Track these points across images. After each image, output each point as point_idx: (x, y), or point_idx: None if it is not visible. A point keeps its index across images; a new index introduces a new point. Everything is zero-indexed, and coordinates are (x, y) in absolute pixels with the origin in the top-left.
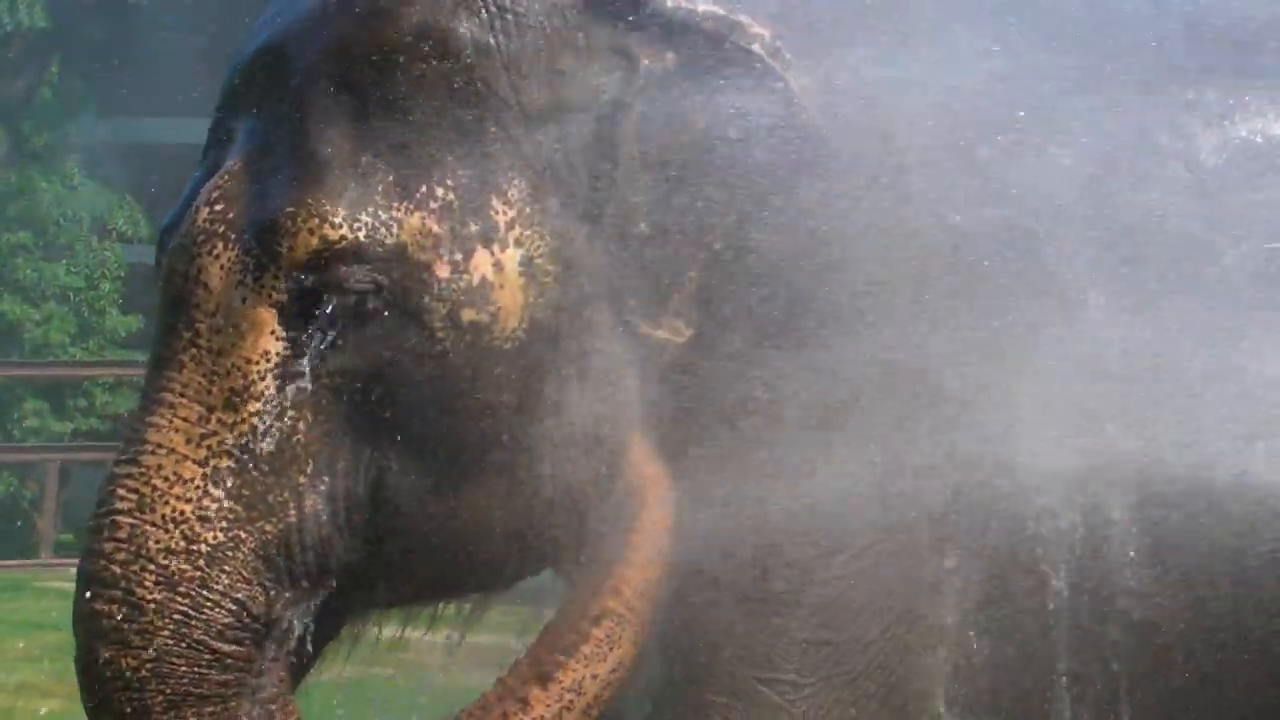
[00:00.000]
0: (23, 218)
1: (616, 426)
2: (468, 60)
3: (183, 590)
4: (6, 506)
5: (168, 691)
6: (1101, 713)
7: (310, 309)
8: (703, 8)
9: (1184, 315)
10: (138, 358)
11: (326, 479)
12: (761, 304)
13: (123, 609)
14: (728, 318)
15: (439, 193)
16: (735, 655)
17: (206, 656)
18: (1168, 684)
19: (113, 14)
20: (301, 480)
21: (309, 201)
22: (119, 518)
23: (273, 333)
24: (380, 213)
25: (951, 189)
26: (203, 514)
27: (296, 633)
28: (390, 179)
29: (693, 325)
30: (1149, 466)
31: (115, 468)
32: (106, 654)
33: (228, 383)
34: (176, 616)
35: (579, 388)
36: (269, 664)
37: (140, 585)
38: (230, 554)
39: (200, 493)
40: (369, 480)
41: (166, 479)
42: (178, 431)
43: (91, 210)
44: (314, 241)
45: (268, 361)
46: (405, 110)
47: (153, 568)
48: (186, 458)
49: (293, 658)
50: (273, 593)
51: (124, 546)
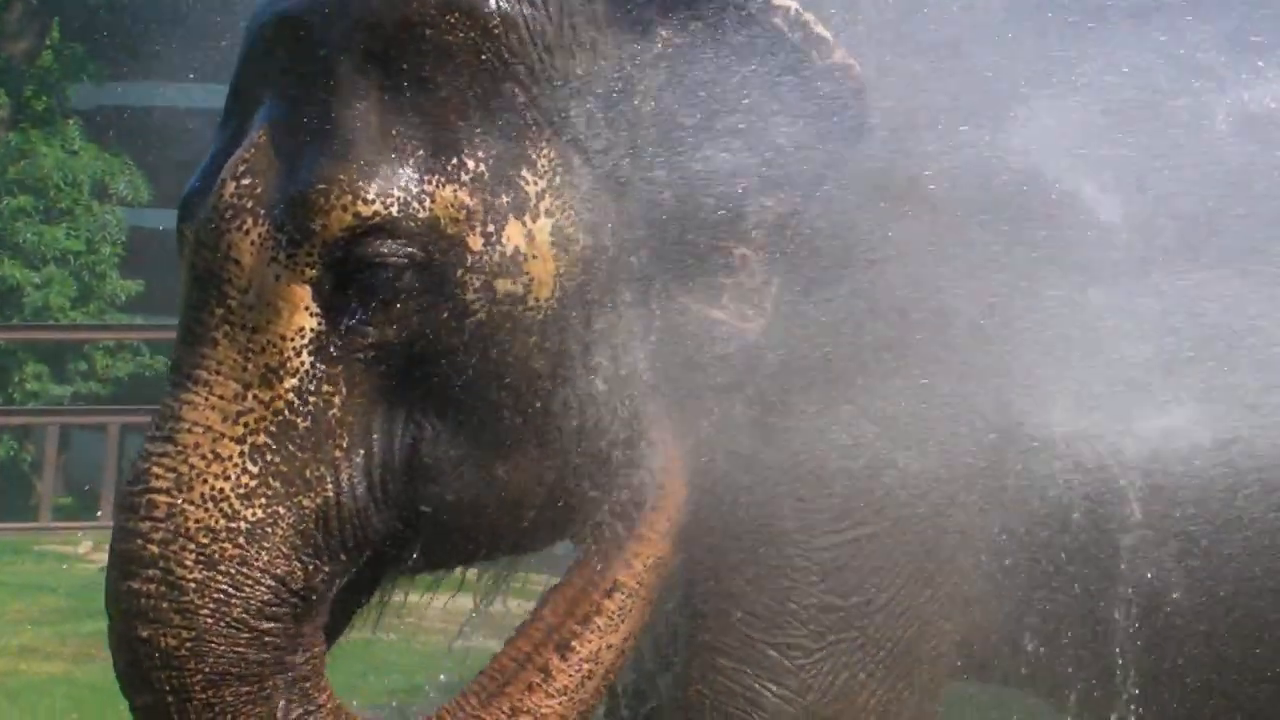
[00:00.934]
0: (23, 181)
1: (644, 396)
2: (495, 31)
3: (223, 569)
4: (6, 470)
5: (207, 670)
6: (1110, 680)
7: (344, 284)
8: None
9: None
10: (138, 321)
11: (362, 452)
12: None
13: (162, 588)
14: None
15: (470, 165)
16: (744, 619)
17: (246, 635)
18: (1177, 658)
19: None
20: (338, 454)
21: (341, 177)
22: (156, 496)
23: (307, 309)
24: (412, 187)
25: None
26: (242, 491)
27: (332, 604)
28: (421, 152)
29: (762, 313)
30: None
31: (149, 445)
32: (145, 633)
33: (263, 359)
34: (218, 595)
35: (609, 356)
36: (306, 640)
37: (180, 564)
38: (270, 530)
39: (239, 470)
40: (404, 451)
41: (204, 457)
42: (214, 409)
43: (92, 174)
44: (347, 218)
45: (303, 338)
46: (434, 83)
47: (193, 546)
48: (224, 435)
49: (332, 626)
50: (311, 567)
51: (162, 525)
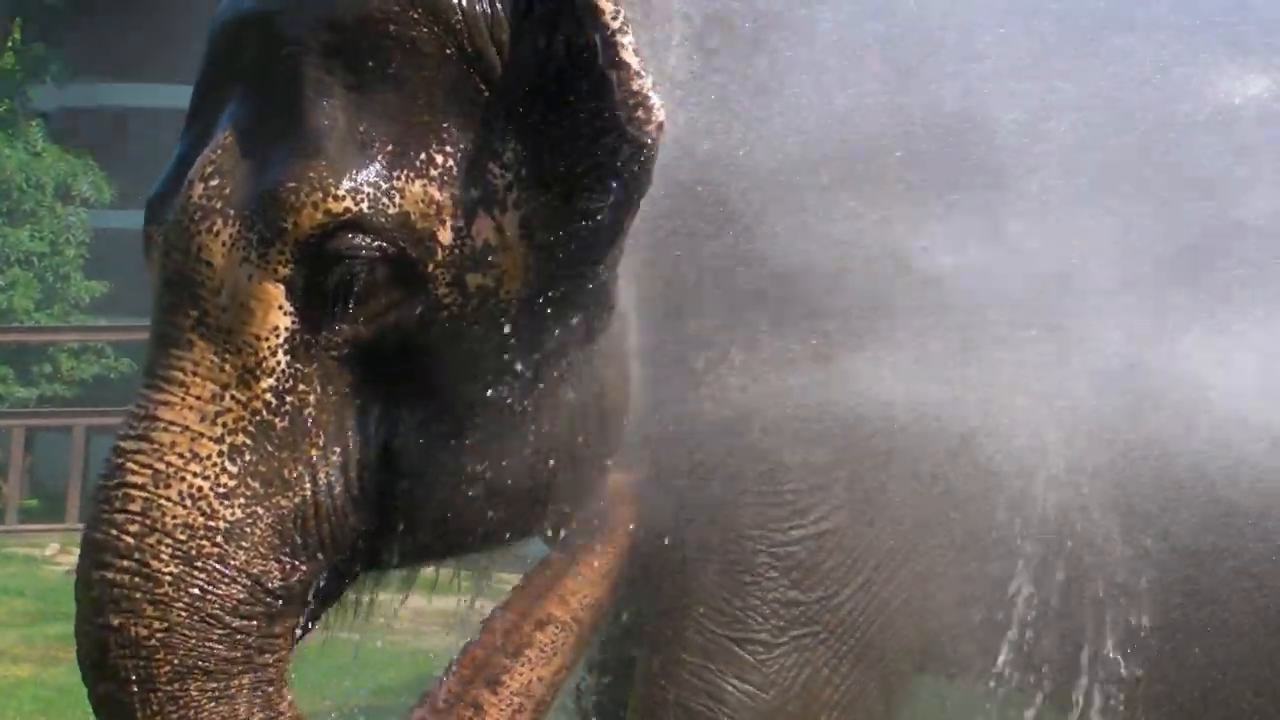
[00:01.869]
0: None
1: (614, 389)
2: (457, 26)
3: (200, 565)
4: None
5: (175, 663)
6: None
7: (317, 282)
8: None
9: None
10: (103, 323)
11: (339, 450)
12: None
13: (136, 578)
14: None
15: (438, 159)
16: (706, 614)
17: (218, 631)
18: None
19: None
20: (315, 453)
21: (311, 175)
22: (133, 490)
23: (281, 308)
24: (382, 183)
25: None
26: (221, 491)
27: (306, 605)
28: (390, 148)
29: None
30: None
31: (123, 443)
32: (116, 620)
33: (240, 360)
34: (193, 590)
35: (579, 351)
36: (276, 642)
37: (156, 558)
38: (248, 530)
39: (218, 469)
40: (379, 447)
41: (182, 455)
42: (191, 409)
43: (55, 175)
44: (318, 215)
45: (278, 337)
46: (399, 78)
47: (170, 541)
48: (202, 435)
49: (298, 630)
50: (288, 567)
51: (138, 519)
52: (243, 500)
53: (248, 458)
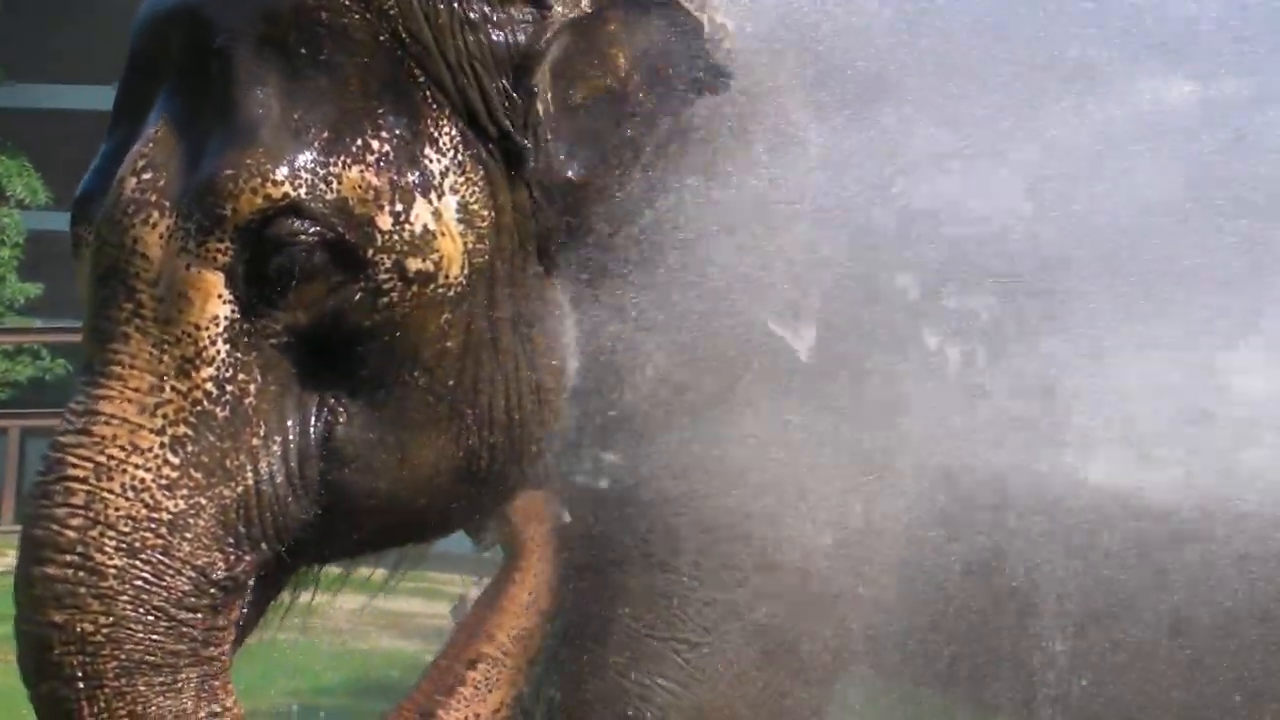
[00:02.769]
0: None
1: (553, 374)
2: (390, 12)
3: (145, 557)
4: None
5: (122, 658)
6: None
7: (256, 269)
8: None
9: None
10: (37, 324)
11: (280, 438)
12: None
13: (80, 573)
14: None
15: (374, 145)
16: (632, 616)
17: (164, 624)
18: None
19: None
20: (256, 442)
21: (248, 162)
22: (74, 484)
23: (220, 296)
24: (319, 168)
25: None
26: (164, 482)
27: (249, 597)
28: (325, 134)
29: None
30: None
31: (62, 438)
32: (59, 618)
33: (178, 350)
34: (137, 583)
35: (512, 333)
36: (220, 634)
37: (100, 551)
38: (192, 521)
39: (160, 461)
40: (320, 435)
41: (123, 448)
42: (130, 402)
43: None
44: (257, 200)
45: (217, 326)
46: (333, 65)
47: (113, 534)
48: (142, 427)
49: (244, 621)
50: (233, 558)
51: (80, 512)
52: (185, 491)
53: (189, 448)
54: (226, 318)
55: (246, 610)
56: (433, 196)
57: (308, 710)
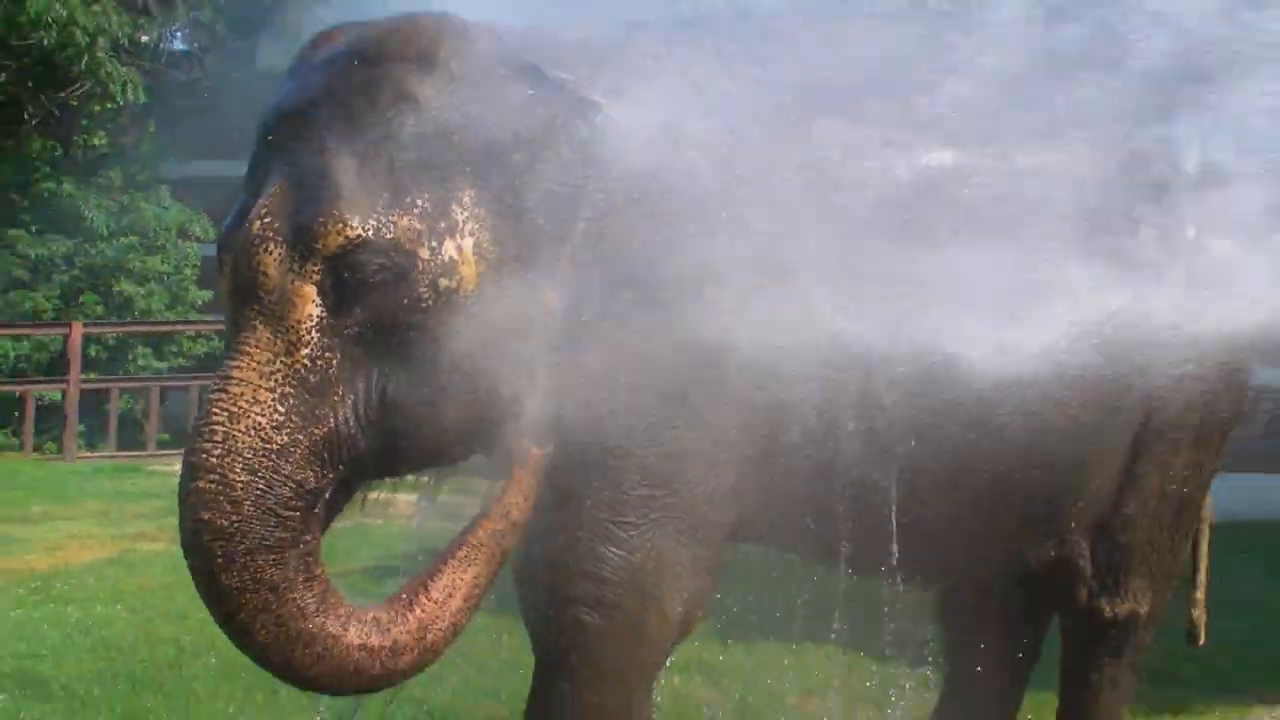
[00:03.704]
0: (131, 227)
1: (538, 350)
2: (434, 112)
3: (261, 475)
4: (126, 418)
5: (246, 543)
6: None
7: (338, 284)
8: (569, 77)
9: None
10: (209, 318)
11: (352, 396)
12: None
13: (219, 485)
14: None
15: (419, 202)
16: (594, 505)
17: (274, 519)
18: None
19: (189, 91)
20: (336, 398)
21: (334, 212)
22: (215, 425)
23: (314, 302)
24: (382, 218)
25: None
26: (275, 423)
27: (328, 506)
28: (386, 195)
29: (570, 294)
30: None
31: (210, 394)
32: (205, 515)
33: (286, 336)
34: (256, 491)
35: (509, 330)
36: (311, 527)
37: (231, 470)
38: (292, 450)
39: (272, 410)
40: (379, 394)
41: (248, 401)
42: (254, 370)
43: (177, 221)
44: (339, 239)
45: (312, 321)
46: (392, 149)
47: (240, 459)
48: (261, 387)
49: (326, 517)
50: (320, 475)
51: (220, 444)
52: (289, 430)
53: (292, 401)
54: (318, 315)
55: (330, 510)
56: (457, 237)
57: (385, 569)
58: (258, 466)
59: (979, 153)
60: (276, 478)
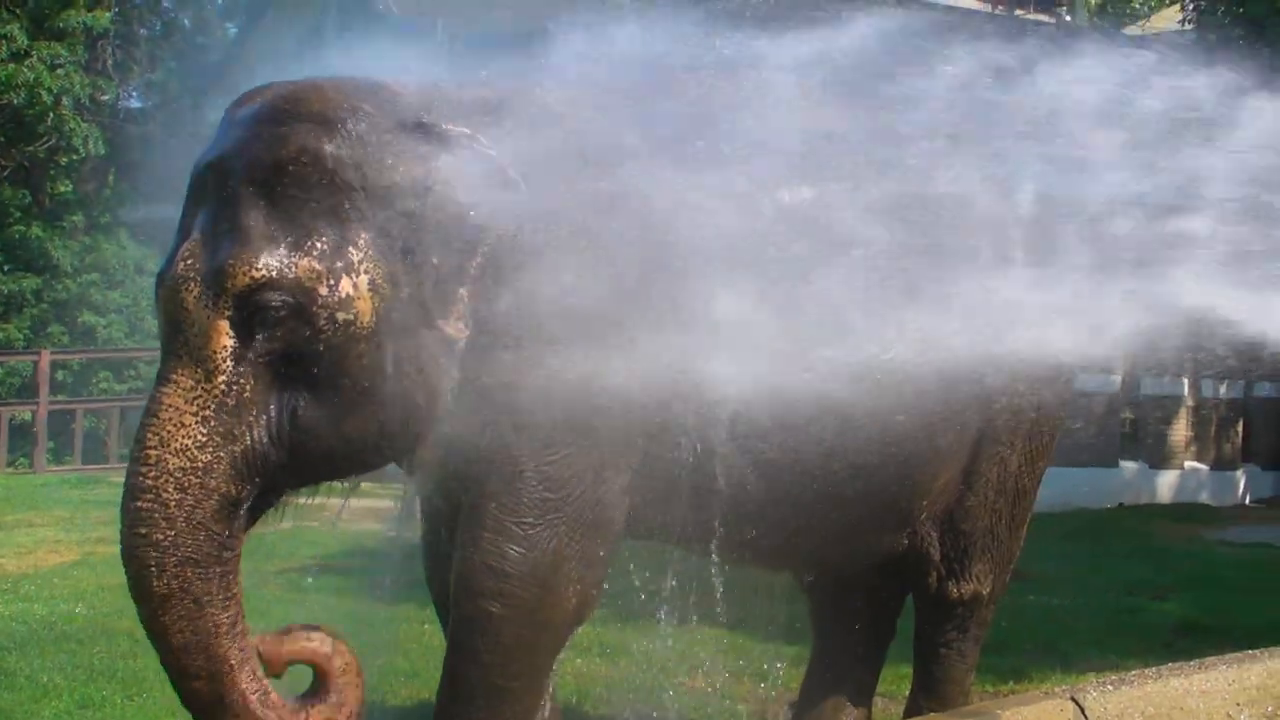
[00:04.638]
0: (94, 265)
1: (433, 374)
2: (329, 166)
3: (190, 491)
4: (91, 435)
5: (178, 555)
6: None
7: (248, 318)
8: (456, 129)
9: None
10: None
11: (265, 417)
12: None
13: (153, 504)
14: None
15: (318, 246)
16: (497, 508)
17: (203, 534)
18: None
19: (144, 143)
20: (250, 419)
21: (243, 256)
22: (150, 450)
23: (227, 334)
24: (284, 260)
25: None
26: (199, 444)
27: (250, 512)
28: (289, 239)
29: (469, 326)
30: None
31: (144, 419)
32: (142, 530)
33: (205, 366)
34: (187, 507)
35: (406, 357)
36: (233, 541)
37: (164, 489)
38: (216, 467)
39: (196, 432)
40: (288, 415)
41: (175, 425)
42: (179, 396)
43: (135, 259)
44: (246, 280)
45: (226, 351)
46: (295, 199)
47: (170, 478)
48: (185, 411)
49: (249, 522)
50: (240, 488)
51: (153, 467)
52: (211, 449)
53: (213, 424)
54: (231, 346)
55: (252, 516)
56: (353, 275)
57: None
58: (187, 484)
59: (843, 184)
60: (203, 493)
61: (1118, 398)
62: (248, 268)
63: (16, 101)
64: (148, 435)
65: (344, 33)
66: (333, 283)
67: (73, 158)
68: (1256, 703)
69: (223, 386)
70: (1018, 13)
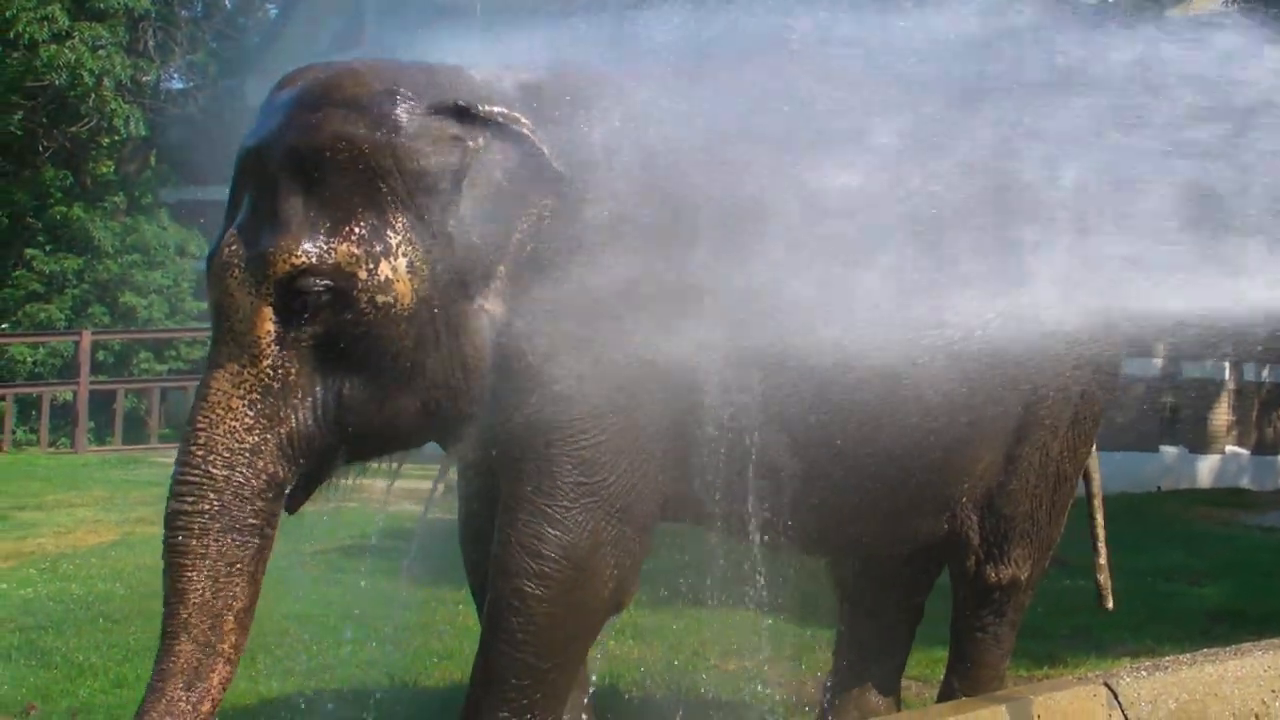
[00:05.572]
0: (134, 246)
1: (473, 355)
2: (365, 150)
3: (238, 469)
4: (131, 415)
5: (221, 525)
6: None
7: (289, 303)
8: (496, 109)
9: None
10: (205, 326)
11: (310, 399)
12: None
13: (202, 478)
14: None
15: (356, 230)
16: (533, 491)
17: (248, 507)
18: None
19: (185, 124)
20: (296, 401)
21: (283, 243)
22: (199, 430)
23: (270, 319)
24: (324, 245)
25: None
26: (246, 425)
27: (296, 493)
28: (328, 225)
29: (507, 304)
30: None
31: (195, 403)
32: (189, 499)
33: (250, 351)
34: (235, 482)
35: (446, 336)
36: (275, 516)
37: (212, 465)
38: (262, 447)
39: (244, 414)
40: (332, 396)
41: (224, 408)
42: (227, 381)
43: (175, 240)
44: (288, 266)
45: (270, 336)
46: (332, 184)
47: (218, 456)
48: (233, 395)
49: (293, 500)
50: (285, 468)
51: (203, 445)
52: (258, 430)
53: (260, 406)
54: (275, 332)
55: (300, 495)
56: (392, 259)
57: (358, 548)
58: (235, 463)
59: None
60: (251, 472)
61: (1158, 382)
62: (288, 255)
63: (58, 83)
64: (198, 418)
65: (384, 14)
66: (371, 266)
67: (114, 139)
68: None
69: (268, 371)
70: None
